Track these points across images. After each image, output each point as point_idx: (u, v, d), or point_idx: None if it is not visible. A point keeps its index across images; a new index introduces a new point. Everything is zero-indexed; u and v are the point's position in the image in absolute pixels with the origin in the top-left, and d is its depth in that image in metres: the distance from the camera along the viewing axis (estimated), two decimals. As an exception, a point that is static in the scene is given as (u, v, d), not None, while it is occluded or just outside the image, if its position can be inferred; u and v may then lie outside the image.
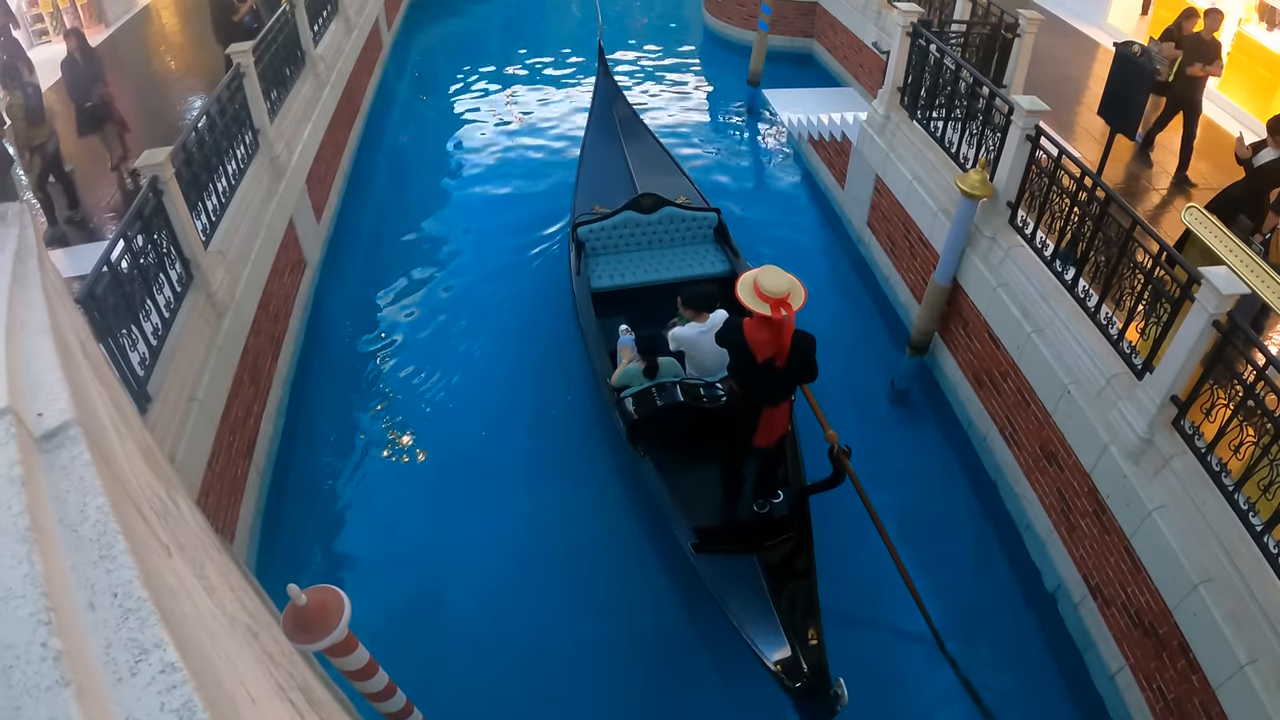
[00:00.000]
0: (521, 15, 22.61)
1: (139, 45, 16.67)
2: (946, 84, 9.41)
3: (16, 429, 1.51)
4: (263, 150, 9.88)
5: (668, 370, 7.34)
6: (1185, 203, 7.51)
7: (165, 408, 6.44)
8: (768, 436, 6.42)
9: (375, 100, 16.64)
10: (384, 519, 8.23)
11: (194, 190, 7.82)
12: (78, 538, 1.45)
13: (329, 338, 10.44)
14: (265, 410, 8.68)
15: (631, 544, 8.01)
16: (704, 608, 7.03)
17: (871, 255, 11.37)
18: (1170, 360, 6.00)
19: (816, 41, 18.03)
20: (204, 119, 8.39)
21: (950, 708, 6.74)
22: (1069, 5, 16.05)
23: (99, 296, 5.79)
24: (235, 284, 8.15)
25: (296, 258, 10.49)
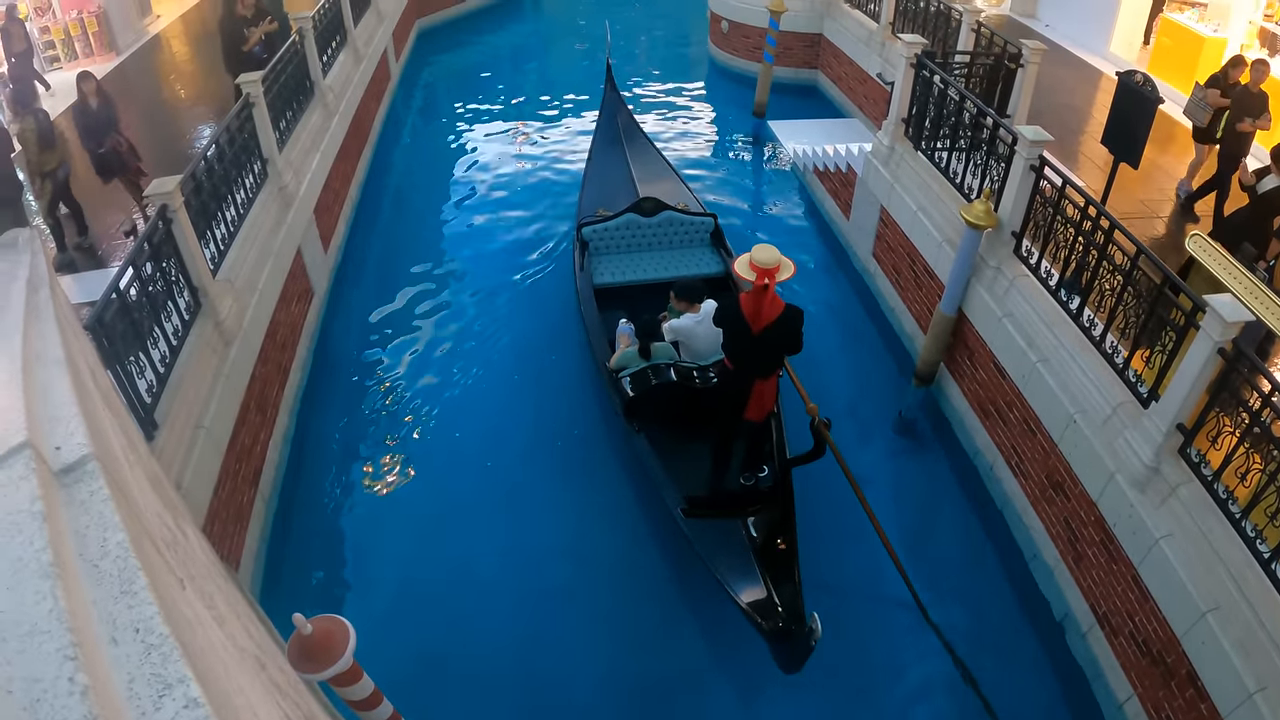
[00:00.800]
0: (528, 47, 22.88)
1: (149, 73, 16.82)
2: (950, 115, 9.46)
3: (36, 464, 1.53)
4: (271, 179, 9.95)
5: (662, 353, 7.90)
6: (1189, 230, 7.52)
7: (172, 435, 6.45)
8: (759, 410, 6.93)
9: (383, 130, 16.76)
10: (390, 548, 8.21)
11: (203, 219, 7.87)
12: (98, 573, 1.46)
13: (336, 367, 10.46)
14: (271, 438, 8.69)
15: (633, 547, 8.23)
16: (691, 575, 7.58)
17: (877, 286, 11.38)
18: (1176, 388, 6.00)
19: (821, 73, 18.14)
20: (213, 148, 8.44)
21: (930, 668, 7.12)
22: (1071, 34, 16.15)
23: (107, 324, 5.82)
24: (243, 313, 8.19)
25: (304, 287, 10.53)
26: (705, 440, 7.52)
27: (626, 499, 8.68)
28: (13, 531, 1.39)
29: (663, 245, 10.63)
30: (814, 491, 7.63)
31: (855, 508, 7.28)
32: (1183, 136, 12.02)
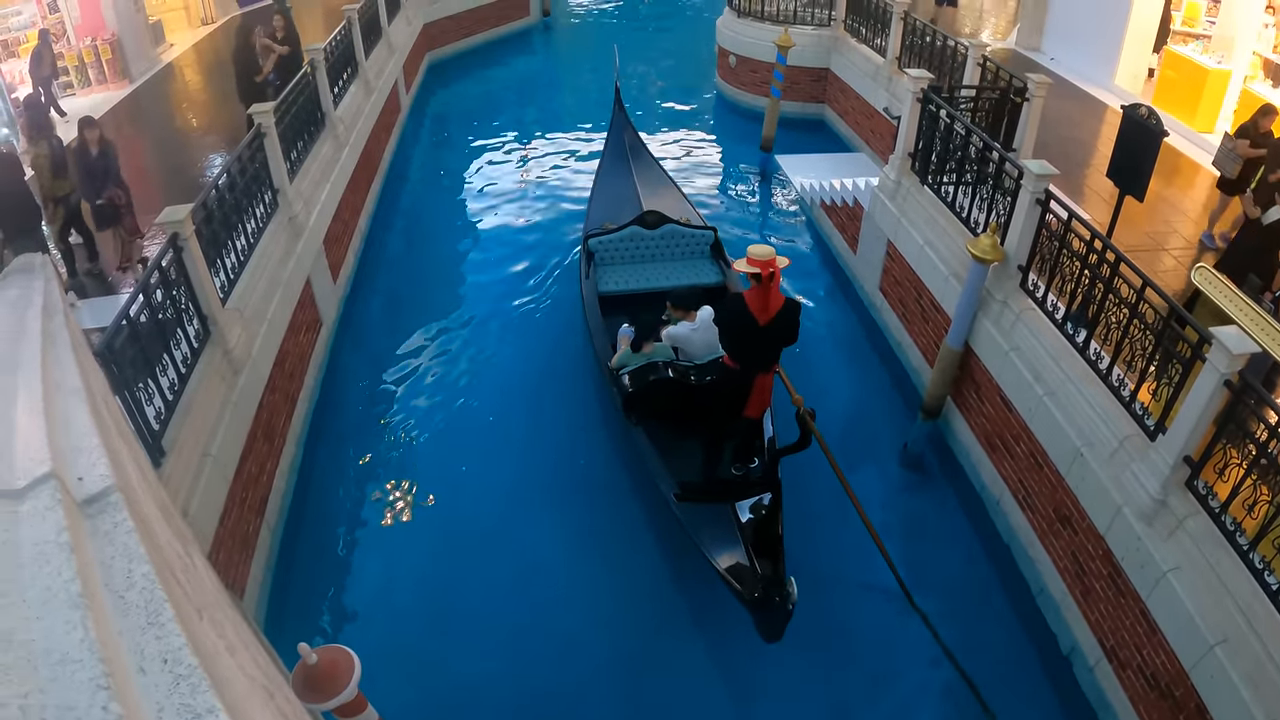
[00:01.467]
0: (537, 81, 23.05)
1: (162, 101, 17.00)
2: (957, 149, 9.50)
3: (61, 494, 1.54)
4: (282, 210, 10.02)
5: (660, 353, 8.34)
6: (1195, 262, 7.54)
7: (179, 462, 6.47)
8: (758, 407, 7.37)
9: (393, 161, 16.89)
10: (396, 579, 8.20)
11: (213, 248, 7.93)
12: (125, 604, 1.47)
13: (343, 396, 10.49)
14: (279, 467, 8.70)
15: (632, 552, 8.50)
16: (684, 564, 8.09)
17: (884, 319, 11.40)
18: (1183, 421, 6.00)
19: (828, 107, 18.19)
20: (225, 177, 8.52)
21: (914, 652, 7.48)
22: (1076, 68, 16.24)
23: (117, 350, 5.85)
24: (252, 341, 8.23)
25: (313, 317, 10.58)
26: (699, 436, 7.94)
27: (632, 526, 8.71)
28: (41, 562, 1.40)
29: (665, 256, 11.03)
30: (804, 485, 8.26)
31: (843, 499, 7.69)
32: (1188, 170, 12.09)
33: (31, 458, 1.63)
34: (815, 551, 8.07)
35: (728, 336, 7.14)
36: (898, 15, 14.62)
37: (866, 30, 16.31)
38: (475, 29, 24.20)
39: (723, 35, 19.60)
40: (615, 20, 23.18)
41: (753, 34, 18.37)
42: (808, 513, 8.20)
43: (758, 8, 18.42)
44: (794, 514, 7.46)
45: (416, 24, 21.25)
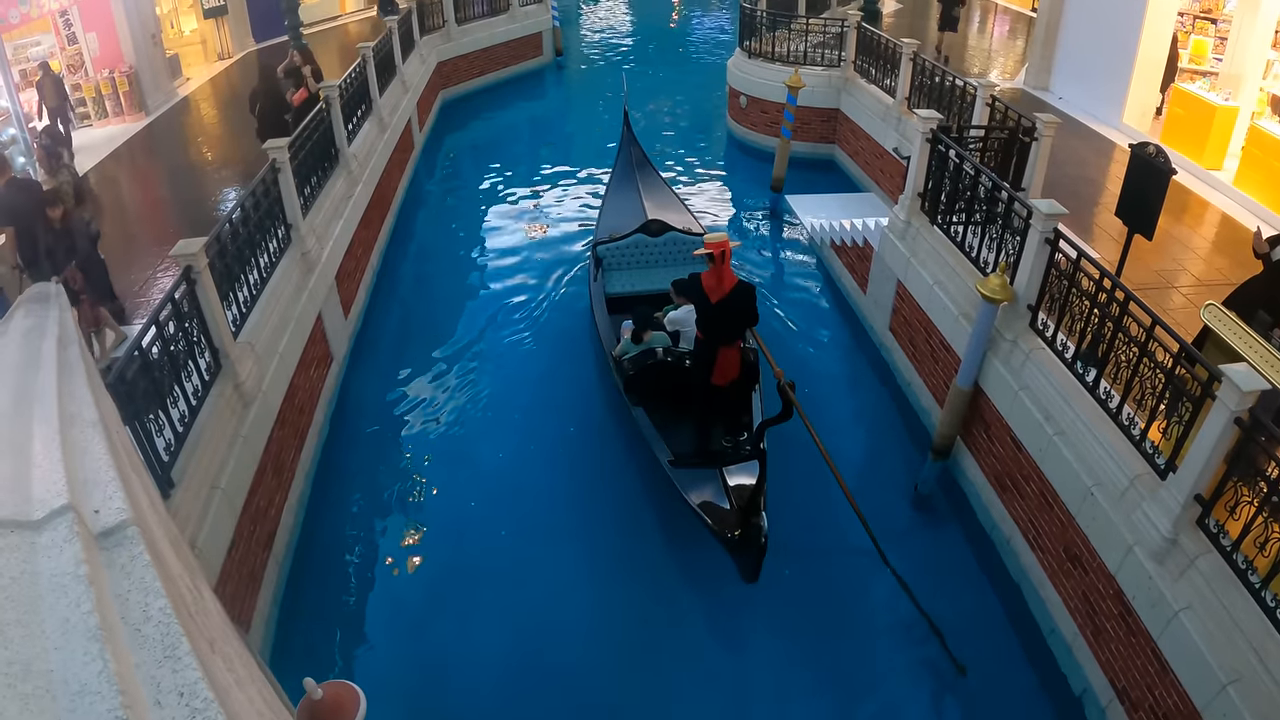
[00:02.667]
0: (549, 120, 23.28)
1: (177, 134, 17.22)
2: (966, 189, 9.54)
3: (78, 527, 1.56)
4: (295, 245, 10.09)
5: (657, 341, 9.40)
6: (1204, 300, 7.52)
7: (188, 495, 6.48)
8: (723, 375, 8.37)
9: (405, 198, 17.02)
10: (402, 615, 8.19)
11: (226, 281, 7.98)
12: (141, 637, 1.48)
13: (353, 432, 10.51)
14: (287, 501, 8.71)
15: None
16: (676, 524, 8.91)
17: (893, 359, 11.39)
18: (1193, 459, 5.97)
19: (838, 147, 18.26)
20: (239, 211, 8.60)
21: (887, 605, 8.16)
22: (1085, 106, 16.31)
23: (129, 381, 5.88)
24: (263, 375, 8.26)
25: (323, 352, 10.62)
26: (693, 417, 8.93)
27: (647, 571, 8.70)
28: (59, 593, 1.41)
29: (666, 262, 11.83)
30: (791, 460, 9.27)
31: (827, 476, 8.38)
32: (1196, 207, 12.12)
33: (49, 489, 1.64)
34: (799, 518, 8.93)
35: (684, 294, 8.66)
36: (907, 56, 14.73)
37: (876, 71, 16.41)
38: (488, 68, 24.46)
39: (733, 76, 19.74)
40: (627, 61, 23.45)
41: (763, 75, 18.50)
42: (794, 484, 9.17)
43: (768, 49, 18.57)
44: (781, 485, 8.50)
45: (430, 62, 21.50)
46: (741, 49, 19.40)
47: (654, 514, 9.34)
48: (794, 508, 8.89)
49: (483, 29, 24.04)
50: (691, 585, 8.62)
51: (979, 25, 25.33)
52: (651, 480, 9.37)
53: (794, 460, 9.30)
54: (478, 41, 23.89)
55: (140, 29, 17.83)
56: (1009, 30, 24.38)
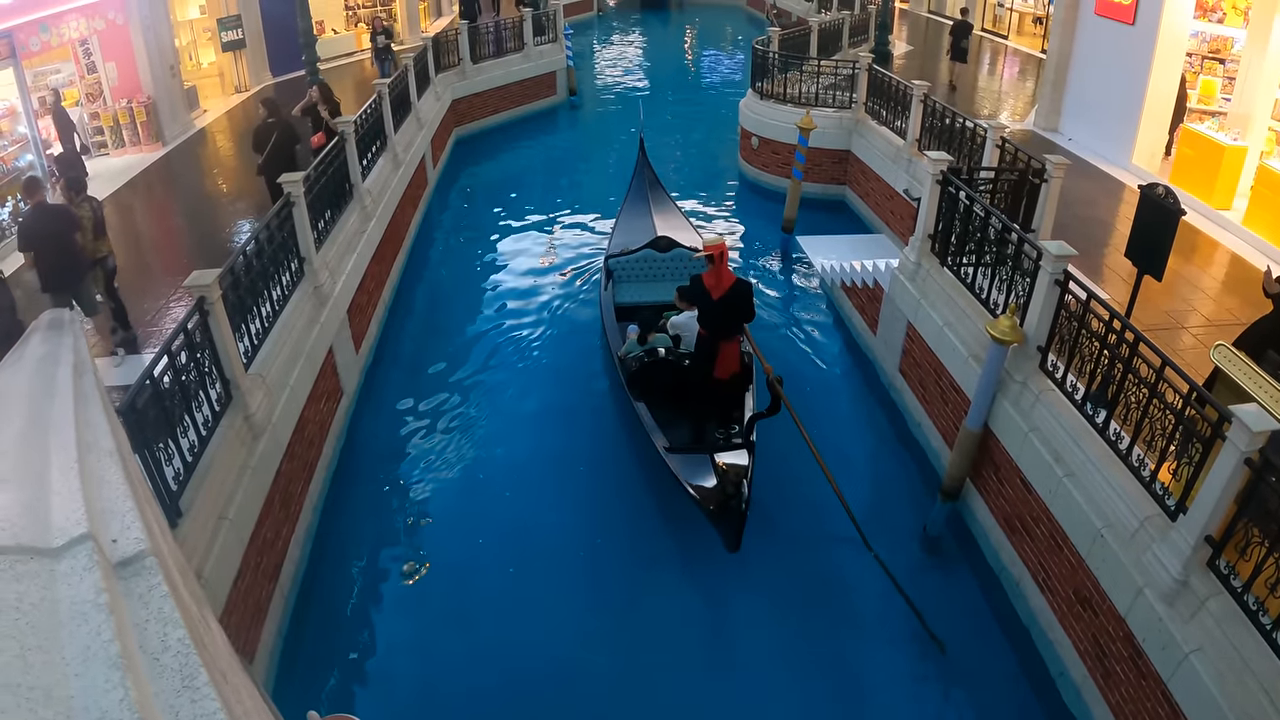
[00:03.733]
0: (562, 158, 23.39)
1: (193, 166, 17.40)
2: (976, 230, 9.56)
3: (98, 556, 1.57)
4: (307, 278, 10.16)
5: (658, 342, 10.26)
6: (1214, 340, 7.51)
7: (195, 524, 6.49)
8: (724, 369, 9.20)
9: (418, 234, 17.13)
10: (407, 650, 8.15)
11: (239, 313, 8.04)
12: (160, 666, 1.49)
13: (361, 466, 10.52)
14: (294, 534, 8.71)
15: None
16: (670, 502, 9.62)
17: (903, 401, 11.37)
18: (1203, 500, 5.95)
19: (849, 188, 18.32)
20: (252, 244, 8.67)
21: (869, 587, 8.66)
22: (1094, 147, 16.40)
23: (140, 409, 5.91)
24: (273, 408, 8.29)
25: (334, 386, 10.66)
26: (690, 411, 9.66)
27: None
28: (79, 621, 1.42)
29: (672, 276, 12.40)
30: (783, 453, 10.01)
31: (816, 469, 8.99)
32: (1206, 247, 12.12)
33: (68, 517, 1.65)
34: (789, 508, 9.74)
35: (689, 299, 9.41)
36: (918, 98, 14.84)
37: (887, 113, 16.53)
38: (502, 106, 24.68)
39: (745, 117, 19.87)
40: (640, 101, 23.61)
41: (775, 116, 18.63)
42: (786, 478, 9.95)
43: (780, 90, 18.73)
44: (774, 479, 9.64)
45: (445, 100, 21.71)
46: (753, 90, 19.56)
47: (659, 520, 9.75)
48: (785, 498, 9.79)
49: (498, 67, 24.28)
50: (687, 565, 9.25)
51: (989, 67, 25.52)
52: (654, 477, 10.03)
53: (788, 455, 9.95)
54: (492, 80, 24.12)
55: (159, 60, 18.12)
56: (1019, 71, 24.56)
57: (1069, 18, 17.39)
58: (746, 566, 8.74)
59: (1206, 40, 15.32)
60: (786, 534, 9.38)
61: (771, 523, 9.24)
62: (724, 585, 8.91)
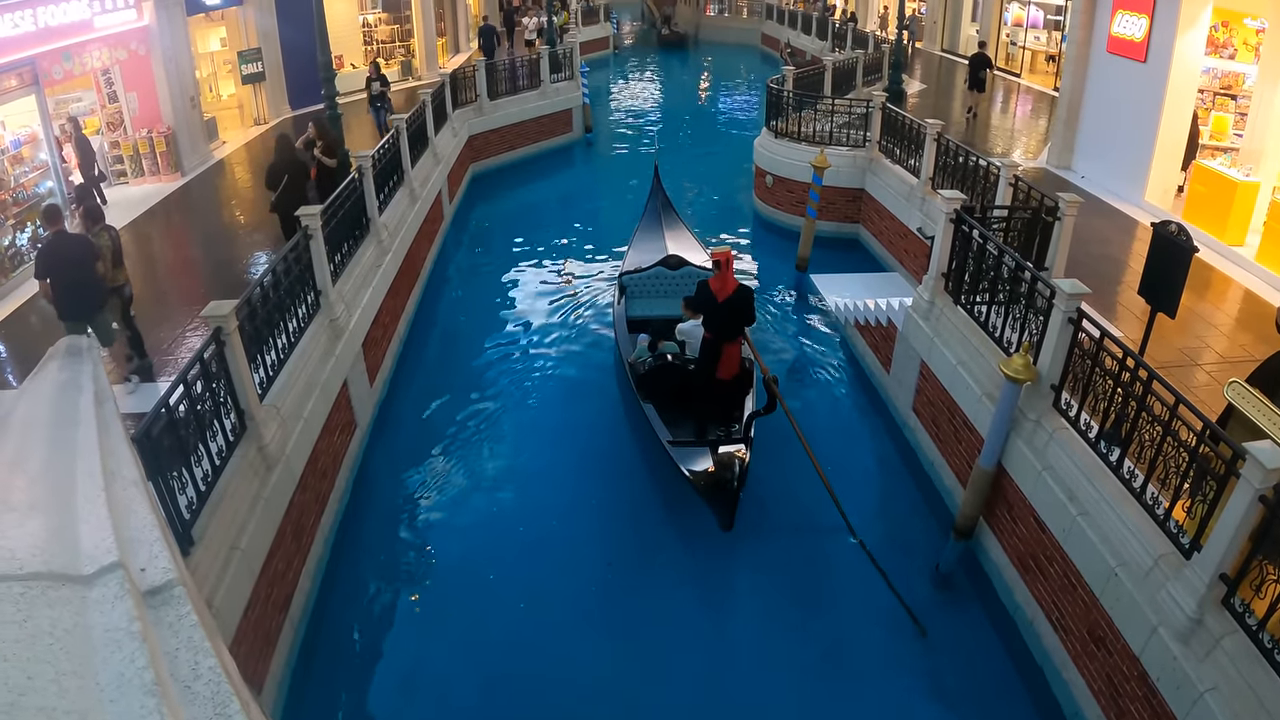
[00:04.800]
0: (578, 195, 23.57)
1: (210, 196, 17.59)
2: (989, 269, 9.57)
3: (129, 584, 1.59)
4: (323, 311, 10.23)
5: (666, 349, 11.08)
6: (1228, 377, 7.48)
7: (207, 554, 6.52)
8: (727, 370, 10.01)
9: (434, 269, 17.24)
10: (417, 685, 8.13)
11: (254, 344, 8.10)
12: (191, 694, 1.51)
13: (374, 500, 10.54)
14: (305, 565, 8.72)
15: None
16: (672, 489, 10.41)
17: (916, 439, 11.34)
18: (1218, 538, 5.92)
19: (863, 227, 18.32)
20: (270, 276, 8.74)
21: (855, 574, 9.19)
22: (1107, 185, 16.41)
23: (154, 438, 5.95)
24: (287, 439, 8.33)
25: (348, 418, 10.70)
26: (693, 412, 10.36)
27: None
28: (113, 648, 1.44)
29: (681, 292, 12.54)
30: (779, 454, 10.71)
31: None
32: (1219, 284, 12.10)
33: (98, 546, 1.67)
34: (784, 502, 10.44)
35: (702, 312, 9.99)
36: (931, 136, 14.88)
37: (901, 151, 16.57)
38: (519, 143, 24.87)
39: (760, 155, 19.93)
40: (655, 138, 23.86)
41: (789, 154, 18.70)
42: (782, 474, 10.65)
43: (794, 129, 18.82)
44: (771, 474, 10.48)
45: (462, 135, 21.93)
46: (768, 129, 19.65)
47: (675, 549, 10.05)
48: (780, 492, 10.52)
49: (514, 104, 24.49)
50: (700, 591, 9.68)
51: (1002, 105, 25.61)
52: (669, 500, 10.58)
53: (785, 456, 10.58)
54: (509, 117, 24.32)
55: (180, 91, 18.36)
56: (1032, 109, 24.64)
57: (1081, 55, 17.47)
58: (731, 529, 9.14)
59: (1218, 76, 15.37)
60: (782, 525, 10.19)
61: (766, 515, 10.16)
62: (720, 558, 9.73)
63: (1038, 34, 29.52)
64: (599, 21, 44.56)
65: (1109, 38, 16.41)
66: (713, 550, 9.73)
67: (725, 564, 9.74)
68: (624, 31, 54.63)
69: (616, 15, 51.58)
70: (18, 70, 13.78)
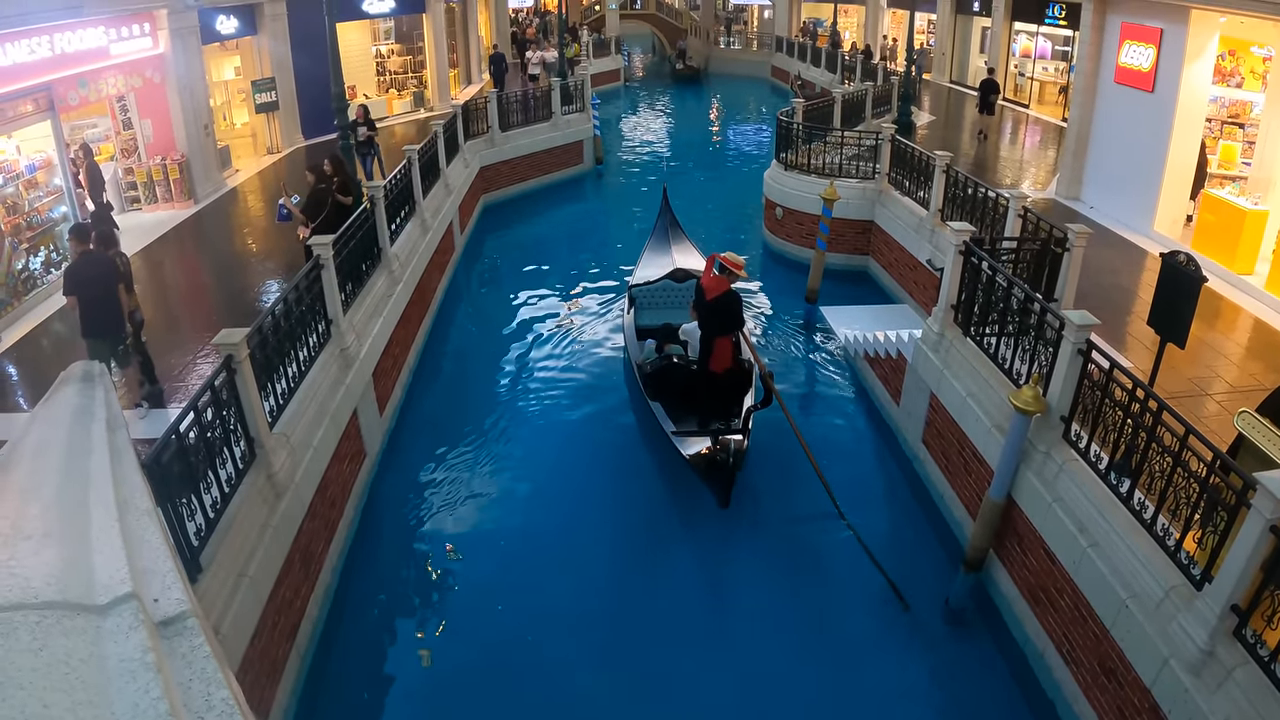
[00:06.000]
0: (588, 226, 23.65)
1: (223, 224, 17.74)
2: (999, 300, 9.57)
3: (143, 615, 1.60)
4: (334, 340, 10.28)
5: (672, 350, 12.06)
6: (1238, 406, 7.46)
7: (215, 581, 6.53)
8: (719, 363, 10.83)
9: (444, 299, 17.31)
10: (422, 717, 8.09)
11: (265, 372, 8.13)
12: None
13: (382, 529, 10.54)
14: (313, 594, 8.71)
15: None
16: (678, 480, 11.34)
17: (926, 471, 11.31)
18: (1229, 568, 5.88)
19: (872, 259, 18.34)
20: (281, 304, 8.78)
21: (845, 554, 10.06)
22: (1115, 215, 16.42)
23: (164, 464, 5.97)
24: (296, 467, 8.35)
25: (357, 447, 10.72)
26: (697, 408, 11.12)
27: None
28: (127, 678, 1.44)
29: (686, 303, 13.30)
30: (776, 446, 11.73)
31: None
32: (1229, 313, 12.08)
33: (112, 576, 1.68)
34: (779, 492, 11.29)
35: (695, 307, 10.97)
36: (940, 168, 14.91)
37: (910, 183, 16.62)
38: (529, 174, 25.00)
39: (770, 188, 20.00)
40: (665, 170, 24.00)
41: (799, 187, 18.76)
42: (779, 466, 11.54)
43: (804, 161, 18.89)
44: (766, 468, 11.45)
45: (474, 166, 22.08)
46: (778, 161, 19.72)
47: (698, 591, 10.08)
48: (778, 487, 11.34)
49: (525, 136, 24.65)
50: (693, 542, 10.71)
51: (1011, 136, 25.70)
52: (670, 480, 11.57)
53: (782, 451, 11.57)
54: (520, 148, 24.47)
55: (194, 119, 18.55)
56: (1040, 140, 24.72)
57: (1089, 86, 17.54)
58: (728, 508, 10.13)
59: (1225, 105, 15.44)
60: (776, 513, 11.04)
61: (764, 502, 11.12)
62: (720, 540, 10.49)
63: (1046, 65, 29.70)
64: (610, 54, 44.88)
65: (1116, 68, 16.49)
66: (713, 532, 10.53)
67: (723, 542, 10.49)
68: (635, 64, 55.04)
69: (628, 48, 52.01)
70: (34, 95, 13.94)
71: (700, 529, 10.66)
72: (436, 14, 28.96)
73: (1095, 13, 17.00)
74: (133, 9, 16.37)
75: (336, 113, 13.40)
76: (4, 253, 12.68)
